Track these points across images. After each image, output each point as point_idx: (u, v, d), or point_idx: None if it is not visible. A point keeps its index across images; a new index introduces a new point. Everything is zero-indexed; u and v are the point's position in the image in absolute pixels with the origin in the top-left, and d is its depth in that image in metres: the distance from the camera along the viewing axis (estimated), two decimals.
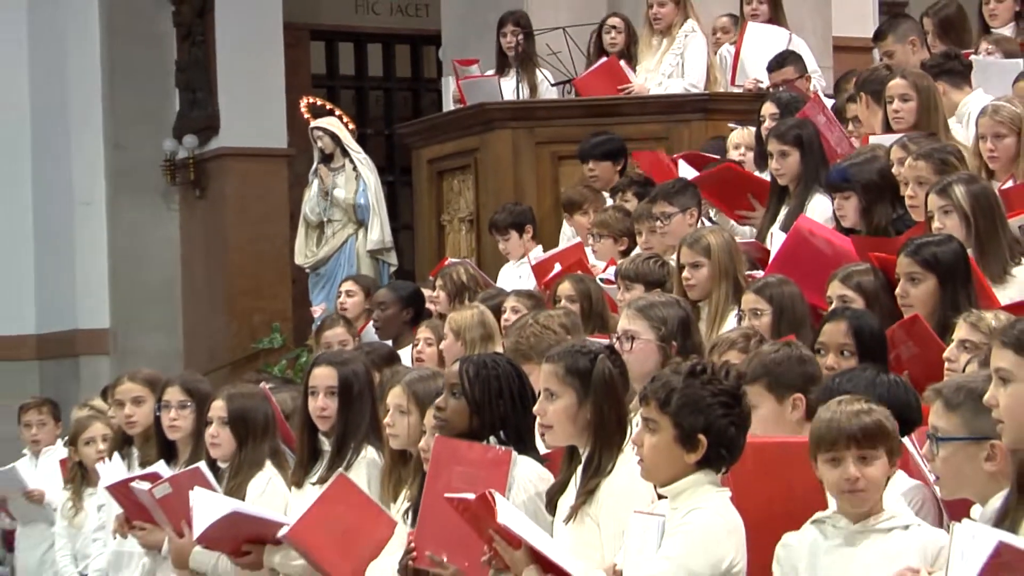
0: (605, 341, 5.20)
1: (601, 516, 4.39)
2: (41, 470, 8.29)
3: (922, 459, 4.15)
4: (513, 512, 4.35)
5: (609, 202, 8.46)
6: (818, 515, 4.03)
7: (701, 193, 7.51)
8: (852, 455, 3.90)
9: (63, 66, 14.21)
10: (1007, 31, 8.60)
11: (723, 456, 4.06)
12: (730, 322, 6.03)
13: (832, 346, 5.09)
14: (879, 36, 8.75)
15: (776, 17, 9.77)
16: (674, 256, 6.80)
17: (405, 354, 7.52)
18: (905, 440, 4.15)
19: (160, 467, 6.14)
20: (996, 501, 3.51)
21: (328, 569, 5.47)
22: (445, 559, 4.77)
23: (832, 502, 4.05)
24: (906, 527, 3.92)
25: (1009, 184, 6.32)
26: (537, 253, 8.80)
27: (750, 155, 8.13)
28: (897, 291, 5.39)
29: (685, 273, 6.25)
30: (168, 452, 6.32)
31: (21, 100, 14.44)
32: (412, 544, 4.93)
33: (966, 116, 7.10)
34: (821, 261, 6.01)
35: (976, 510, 3.67)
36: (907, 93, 7.01)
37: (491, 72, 10.41)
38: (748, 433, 4.40)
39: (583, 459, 4.51)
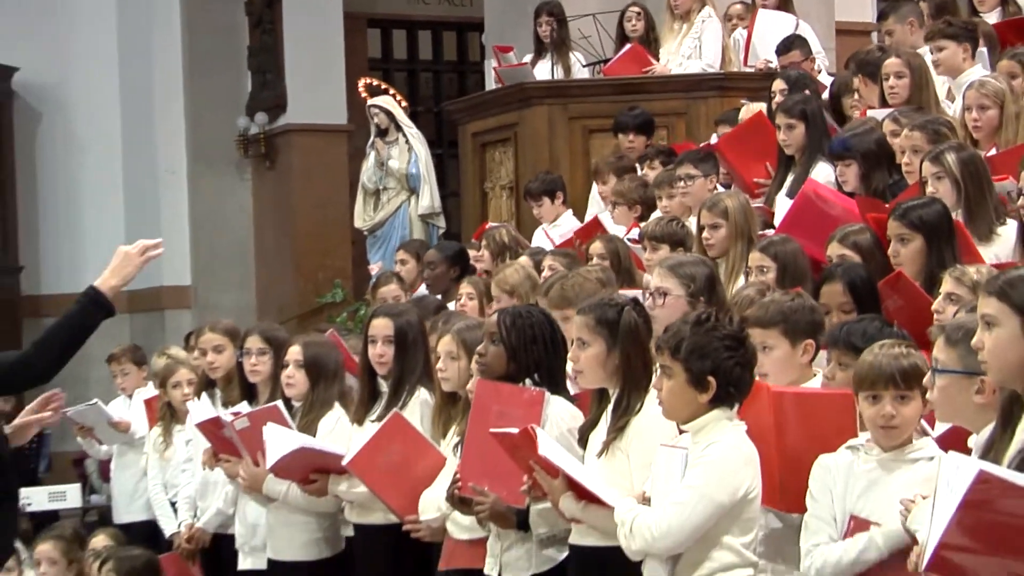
0: (632, 293, 5.21)
1: (631, 450, 4.39)
2: (134, 409, 8.36)
3: None
4: (552, 445, 4.36)
5: (638, 170, 8.45)
6: (852, 442, 3.99)
7: (726, 157, 7.51)
8: (890, 394, 3.88)
9: (149, 54, 14.25)
10: (993, 16, 8.52)
11: (732, 394, 4.06)
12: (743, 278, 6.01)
13: (833, 306, 5.03)
14: (882, 17, 8.71)
15: (784, 4, 9.72)
16: (691, 218, 6.80)
17: (453, 308, 7.54)
18: None
19: (243, 407, 6.19)
20: (987, 431, 3.51)
21: (383, 496, 5.52)
22: (487, 488, 4.81)
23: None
24: (931, 458, 3.88)
25: (992, 152, 6.29)
26: (567, 217, 8.80)
27: None
28: (889, 251, 5.35)
29: (705, 233, 6.20)
30: (250, 394, 6.38)
31: (113, 84, 14.50)
32: (458, 475, 4.98)
33: (963, 87, 7.02)
34: (826, 220, 5.97)
35: (973, 439, 3.68)
36: (901, 71, 6.97)
37: (528, 56, 10.42)
38: (769, 374, 4.43)
39: (613, 400, 4.51)
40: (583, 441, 4.63)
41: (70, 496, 9.78)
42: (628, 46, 9.92)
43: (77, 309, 4.66)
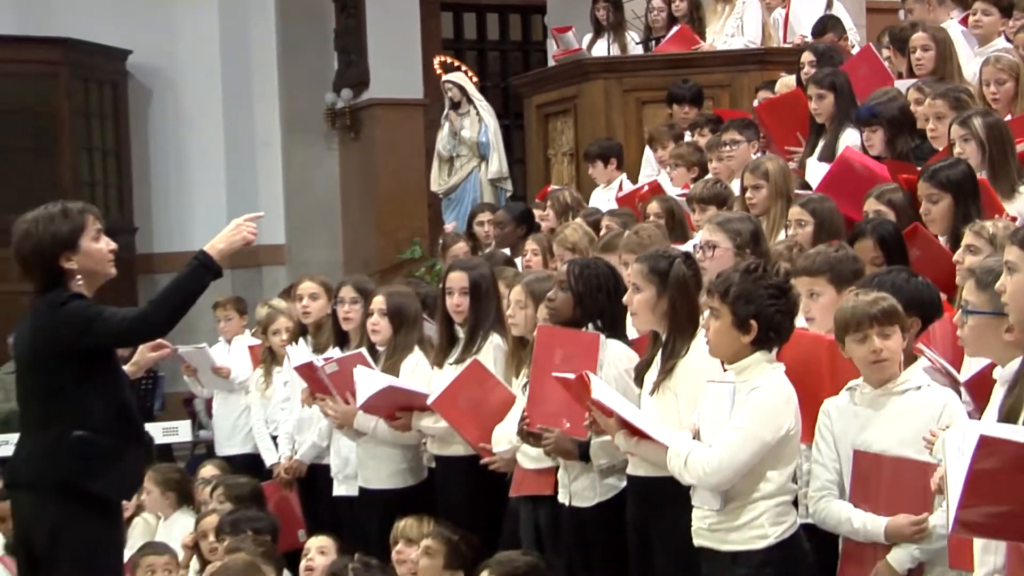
0: (685, 247, 5.19)
1: (679, 389, 4.40)
2: (233, 354, 8.42)
3: (933, 352, 4.17)
4: (605, 388, 4.37)
5: (688, 137, 8.41)
6: (851, 383, 4.06)
7: (763, 119, 7.43)
8: (875, 331, 3.95)
9: (247, 38, 14.28)
10: None
11: (772, 338, 4.05)
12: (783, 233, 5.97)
13: (866, 260, 4.96)
14: None
15: None
16: (734, 180, 6.76)
17: (520, 263, 7.54)
18: (920, 345, 4.16)
19: (335, 352, 6.21)
20: (1013, 364, 3.49)
21: (462, 431, 5.56)
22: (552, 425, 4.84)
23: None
24: (918, 388, 3.97)
25: (1008, 119, 6.19)
26: (623, 181, 8.77)
27: None
28: (921, 210, 5.29)
29: (748, 194, 6.13)
30: (342, 340, 6.39)
31: (215, 65, 14.53)
32: (526, 412, 4.99)
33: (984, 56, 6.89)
34: (860, 183, 5.91)
35: (998, 371, 3.67)
36: (927, 44, 6.91)
37: (587, 37, 10.37)
38: (816, 318, 4.42)
39: (663, 343, 4.52)
40: (639, 380, 4.63)
41: (181, 431, 9.87)
42: (676, 27, 9.86)
43: (188, 271, 4.69)
